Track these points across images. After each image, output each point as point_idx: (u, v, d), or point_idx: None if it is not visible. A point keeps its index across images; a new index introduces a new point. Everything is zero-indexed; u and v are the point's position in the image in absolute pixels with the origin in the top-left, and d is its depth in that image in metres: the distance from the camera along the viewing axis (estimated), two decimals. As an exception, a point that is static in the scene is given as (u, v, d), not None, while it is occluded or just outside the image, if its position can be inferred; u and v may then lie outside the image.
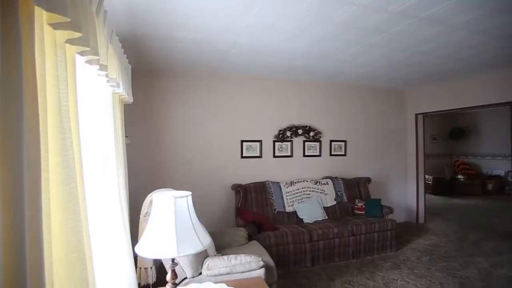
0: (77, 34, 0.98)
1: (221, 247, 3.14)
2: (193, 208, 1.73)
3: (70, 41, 1.00)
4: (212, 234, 3.08)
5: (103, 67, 1.46)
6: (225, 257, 2.52)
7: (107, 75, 1.65)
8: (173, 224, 1.60)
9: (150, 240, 1.61)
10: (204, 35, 3.03)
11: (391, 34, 3.03)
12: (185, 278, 2.40)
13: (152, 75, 4.33)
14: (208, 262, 2.45)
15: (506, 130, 4.68)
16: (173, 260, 1.71)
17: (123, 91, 2.33)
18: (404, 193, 6.24)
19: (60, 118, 0.96)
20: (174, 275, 1.71)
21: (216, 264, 2.44)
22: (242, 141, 4.81)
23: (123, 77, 2.35)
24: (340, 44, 3.32)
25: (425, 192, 6.30)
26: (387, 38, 3.16)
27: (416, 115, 6.06)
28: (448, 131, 10.50)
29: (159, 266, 2.57)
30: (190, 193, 1.73)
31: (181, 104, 4.49)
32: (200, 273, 2.44)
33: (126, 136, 2.94)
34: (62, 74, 0.96)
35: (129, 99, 2.80)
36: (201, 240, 1.68)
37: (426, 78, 5.06)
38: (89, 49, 1.12)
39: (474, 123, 10.20)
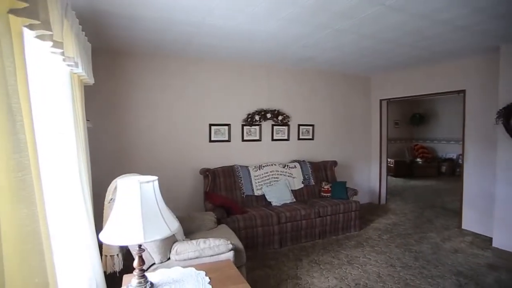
0: (21, 4, 0.88)
1: (190, 231, 3.12)
2: (159, 193, 1.69)
3: (15, 12, 0.90)
4: (180, 219, 3.07)
5: (58, 44, 1.34)
6: (193, 241, 2.51)
7: (63, 54, 1.52)
8: (139, 210, 1.56)
9: (115, 227, 1.56)
10: (170, 14, 2.89)
11: (358, 20, 3.07)
12: (153, 264, 2.37)
13: (115, 56, 4.10)
14: (177, 247, 2.44)
15: (459, 117, 4.99)
16: (140, 246, 1.67)
17: (83, 72, 2.18)
18: (368, 175, 6.53)
19: (7, 98, 0.87)
20: (142, 261, 1.68)
21: (185, 249, 2.43)
22: (210, 125, 4.74)
23: (82, 56, 2.20)
24: (309, 28, 3.32)
25: (387, 175, 6.64)
26: (355, 24, 3.20)
27: (381, 100, 6.28)
28: (409, 116, 11.05)
29: (126, 252, 2.51)
30: (156, 177, 1.68)
31: (146, 87, 4.31)
32: (169, 258, 2.42)
33: (87, 120, 2.79)
34: (6, 49, 0.87)
35: (90, 80, 2.64)
36: (169, 225, 1.65)
37: (391, 65, 5.23)
38: (38, 22, 1.01)
39: (433, 109, 10.79)
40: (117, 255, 2.42)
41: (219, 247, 2.52)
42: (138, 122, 4.28)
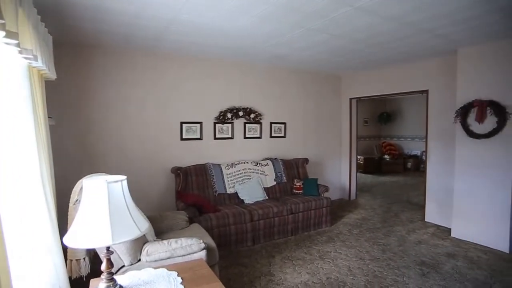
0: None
1: (161, 231, 3.06)
2: (128, 193, 1.64)
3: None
4: (151, 219, 3.00)
5: (12, 35, 1.25)
6: (165, 241, 2.46)
7: (18, 45, 1.42)
8: (106, 211, 1.50)
9: (81, 229, 1.49)
10: (139, 8, 2.79)
11: (329, 20, 3.13)
12: (123, 266, 2.29)
13: (80, 49, 3.89)
14: (147, 247, 2.38)
15: (423, 115, 5.25)
16: (108, 248, 1.61)
17: (43, 65, 2.06)
18: (339, 172, 6.70)
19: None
20: (110, 264, 1.62)
21: (156, 249, 2.37)
22: (182, 123, 4.65)
23: (42, 49, 2.07)
24: (282, 26, 3.34)
25: (356, 171, 6.85)
26: (326, 24, 3.26)
27: (351, 99, 6.46)
28: (378, 115, 11.47)
29: (93, 256, 2.41)
30: (125, 177, 1.62)
31: (115, 83, 4.14)
32: (139, 260, 2.35)
33: (49, 117, 2.64)
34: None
35: (52, 74, 2.49)
36: (138, 225, 1.60)
37: (361, 64, 5.39)
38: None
39: (399, 108, 11.27)
40: (84, 258, 2.32)
41: (191, 246, 2.48)
42: (107, 119, 4.11)
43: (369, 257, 3.75)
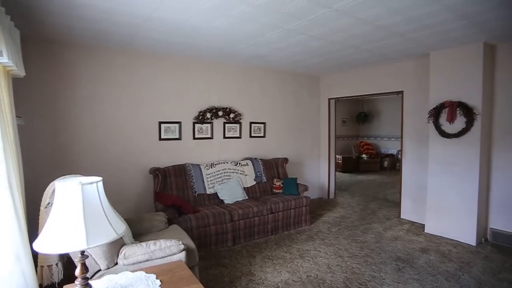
0: None
1: (139, 233, 2.99)
2: (104, 195, 1.59)
3: None
4: (129, 221, 2.93)
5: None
6: (143, 243, 2.40)
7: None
8: (81, 213, 1.44)
9: (53, 234, 1.42)
10: (113, 4, 2.71)
11: (308, 21, 3.16)
12: (99, 270, 2.22)
13: (52, 45, 3.73)
14: (125, 250, 2.31)
15: (399, 116, 5.41)
16: (82, 252, 1.55)
17: (9, 62, 1.95)
18: (318, 171, 6.79)
19: None
20: (85, 268, 1.56)
21: (134, 252, 2.31)
22: (160, 123, 4.56)
23: (8, 44, 1.97)
24: (260, 27, 3.35)
25: (335, 170, 6.97)
26: (305, 25, 3.29)
27: (329, 99, 6.56)
28: (355, 115, 11.74)
29: (67, 261, 2.31)
30: (100, 178, 1.57)
31: (89, 81, 4.00)
32: (116, 263, 2.28)
33: (18, 116, 2.51)
34: None
35: (20, 71, 2.37)
36: (115, 228, 1.55)
37: (339, 65, 5.49)
38: None
39: (376, 108, 11.58)
40: (56, 264, 2.22)
41: (170, 248, 2.44)
42: (81, 119, 3.97)
43: (347, 254, 3.82)
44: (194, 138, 4.90)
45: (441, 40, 3.85)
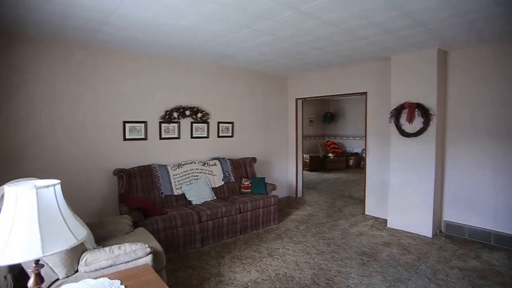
0: None
1: (103, 238, 2.85)
2: (63, 199, 1.49)
3: None
4: (91, 225, 2.79)
5: None
6: (106, 248, 2.30)
7: None
8: (35, 220, 1.34)
9: (1, 243, 1.31)
10: (73, -4, 2.57)
11: (275, 22, 3.19)
12: (57, 279, 2.09)
13: (3, 38, 3.46)
14: (86, 256, 2.20)
15: (363, 116, 5.63)
16: (37, 261, 1.44)
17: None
18: (286, 170, 6.89)
19: None
20: (40, 279, 1.45)
21: (96, 258, 2.20)
22: (124, 122, 4.39)
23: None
24: (229, 26, 3.33)
25: (303, 169, 7.11)
26: (272, 26, 3.32)
27: (296, 99, 6.68)
28: (322, 115, 12.05)
29: (20, 271, 2.15)
30: (58, 181, 1.47)
31: (46, 77, 3.75)
32: (77, 271, 2.17)
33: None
34: None
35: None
36: (75, 233, 1.46)
37: (305, 66, 5.60)
38: None
39: (342, 109, 11.97)
40: (5, 277, 2.06)
41: (135, 252, 2.36)
42: (37, 118, 3.71)
43: (315, 251, 3.91)
44: (161, 138, 4.78)
45: (401, 44, 4.06)
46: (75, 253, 2.17)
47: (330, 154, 11.21)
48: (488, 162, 4.16)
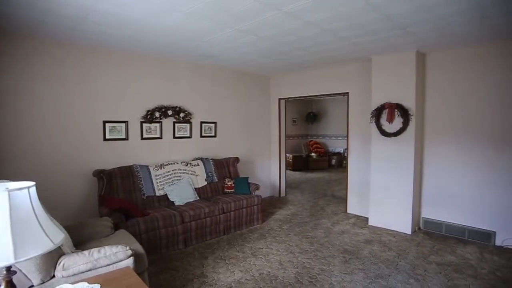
0: None
1: (82, 241, 2.77)
2: (38, 201, 1.43)
3: None
4: (70, 228, 2.71)
5: None
6: (85, 252, 2.23)
7: None
8: (7, 224, 1.28)
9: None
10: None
11: (258, 22, 3.19)
12: (31, 286, 2.01)
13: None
14: (64, 261, 2.12)
15: (345, 116, 5.72)
16: (8, 268, 1.37)
17: None
18: (269, 170, 6.91)
19: None
20: (11, 286, 1.39)
21: (74, 262, 2.13)
22: (104, 122, 4.28)
23: None
24: (211, 25, 3.30)
25: (286, 169, 7.15)
26: (255, 26, 3.32)
27: (279, 99, 6.71)
28: (305, 115, 12.17)
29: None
30: (33, 183, 1.41)
31: (22, 75, 3.59)
32: (53, 276, 2.09)
33: None
34: None
35: None
36: (51, 237, 1.41)
37: (288, 66, 5.63)
38: None
39: (324, 109, 12.13)
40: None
41: (116, 254, 2.30)
42: (11, 117, 3.56)
43: (298, 250, 3.94)
44: (142, 138, 4.69)
45: (382, 46, 4.15)
46: (52, 258, 2.09)
47: (313, 154, 11.34)
48: (463, 160, 4.32)
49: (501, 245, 4.02)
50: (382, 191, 4.77)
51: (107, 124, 4.30)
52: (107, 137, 4.31)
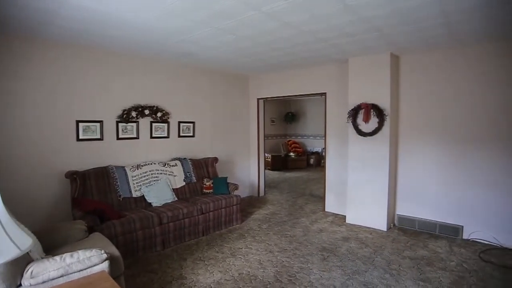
0: None
1: (54, 246, 2.65)
2: (3, 206, 1.36)
3: None
4: (40, 233, 2.59)
5: None
6: (57, 257, 2.13)
7: None
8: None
9: None
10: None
11: (237, 21, 3.18)
12: (-6, 296, 1.90)
13: None
14: (32, 268, 2.01)
15: (323, 115, 5.82)
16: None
17: None
18: (248, 170, 6.92)
19: None
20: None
21: (44, 268, 2.03)
22: (78, 122, 4.12)
23: None
24: (190, 23, 3.26)
25: (265, 169, 7.18)
26: (234, 25, 3.31)
27: (258, 99, 6.73)
28: (284, 115, 12.27)
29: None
30: (-4, 186, 1.34)
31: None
32: (20, 285, 1.98)
33: None
34: None
35: None
36: (17, 243, 1.33)
37: (267, 66, 5.65)
38: None
39: (303, 109, 12.27)
40: None
41: (90, 259, 2.21)
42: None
43: (277, 249, 3.96)
44: (118, 139, 4.55)
45: (358, 47, 4.25)
46: (18, 265, 1.98)
47: (291, 153, 11.45)
48: (434, 159, 4.51)
49: (468, 238, 4.24)
50: (359, 189, 4.89)
51: (80, 124, 4.14)
52: (80, 137, 4.16)
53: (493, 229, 4.08)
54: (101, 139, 4.36)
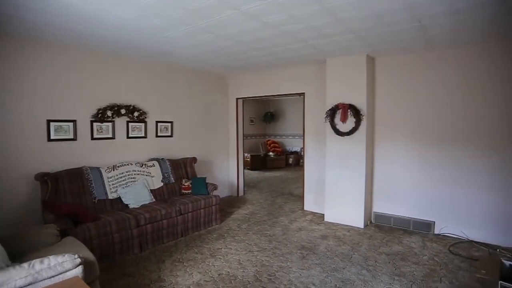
0: None
1: (23, 253, 2.52)
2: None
3: None
4: (6, 239, 2.46)
5: None
6: (24, 264, 2.00)
7: None
8: None
9: None
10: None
11: (215, 20, 3.16)
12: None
13: None
14: (-5, 278, 1.89)
15: (302, 115, 5.88)
16: None
17: None
18: (227, 170, 6.89)
19: None
20: None
21: (10, 277, 1.89)
22: (49, 121, 3.95)
23: None
24: (168, 22, 3.20)
25: (244, 168, 7.17)
26: (213, 24, 3.28)
27: (237, 99, 6.71)
28: (263, 114, 12.30)
29: None
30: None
31: None
32: (-19, 297, 1.86)
33: None
34: None
35: None
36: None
37: (246, 66, 5.65)
38: None
39: (281, 108, 12.36)
40: None
41: (62, 264, 2.12)
42: None
43: (257, 248, 3.97)
44: (93, 139, 4.40)
45: (336, 49, 4.33)
46: (-21, 276, 1.86)
47: (270, 153, 11.51)
48: (408, 158, 4.67)
49: (439, 233, 4.43)
50: (337, 188, 4.99)
51: (51, 123, 3.97)
52: (52, 137, 3.98)
53: (461, 223, 4.28)
54: (74, 139, 4.20)
